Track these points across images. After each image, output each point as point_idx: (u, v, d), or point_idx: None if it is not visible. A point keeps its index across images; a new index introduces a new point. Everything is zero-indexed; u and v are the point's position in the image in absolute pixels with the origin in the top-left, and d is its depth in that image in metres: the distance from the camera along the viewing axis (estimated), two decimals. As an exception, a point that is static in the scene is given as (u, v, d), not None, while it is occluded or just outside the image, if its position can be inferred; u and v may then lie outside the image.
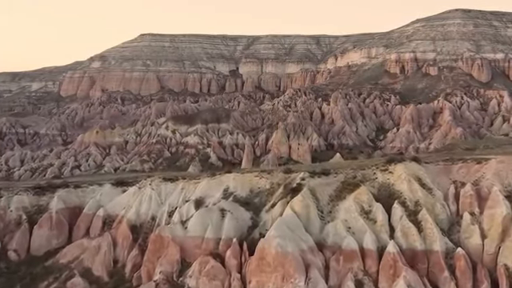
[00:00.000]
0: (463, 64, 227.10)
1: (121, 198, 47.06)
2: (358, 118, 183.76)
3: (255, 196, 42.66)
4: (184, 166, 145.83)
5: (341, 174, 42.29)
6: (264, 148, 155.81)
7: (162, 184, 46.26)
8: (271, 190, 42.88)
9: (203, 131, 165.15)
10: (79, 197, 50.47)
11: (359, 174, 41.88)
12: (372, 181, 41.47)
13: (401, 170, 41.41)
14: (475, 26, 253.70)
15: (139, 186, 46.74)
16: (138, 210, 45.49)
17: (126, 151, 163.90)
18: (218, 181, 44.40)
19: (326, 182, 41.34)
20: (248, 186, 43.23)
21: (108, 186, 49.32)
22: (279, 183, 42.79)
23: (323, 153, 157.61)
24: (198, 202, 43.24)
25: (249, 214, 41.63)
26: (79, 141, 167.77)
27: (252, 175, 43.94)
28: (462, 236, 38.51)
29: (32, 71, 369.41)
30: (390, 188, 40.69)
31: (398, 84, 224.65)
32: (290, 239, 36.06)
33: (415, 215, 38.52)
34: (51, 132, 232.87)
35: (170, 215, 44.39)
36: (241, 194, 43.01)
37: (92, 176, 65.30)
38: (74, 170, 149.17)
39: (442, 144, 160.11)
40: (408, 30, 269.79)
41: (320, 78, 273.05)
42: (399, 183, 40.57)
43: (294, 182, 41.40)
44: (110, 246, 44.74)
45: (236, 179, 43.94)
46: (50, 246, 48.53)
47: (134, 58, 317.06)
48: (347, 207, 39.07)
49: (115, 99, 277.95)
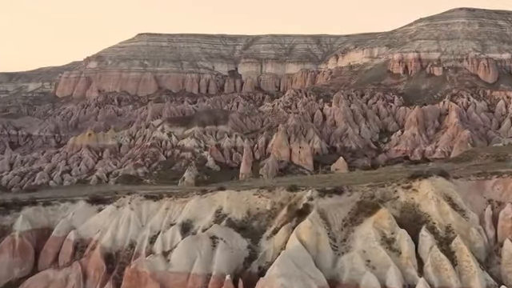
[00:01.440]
0: (468, 64, 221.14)
1: (96, 219, 39.62)
2: (360, 119, 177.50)
3: (253, 219, 35.42)
4: (180, 170, 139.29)
5: (356, 192, 35.25)
6: (264, 151, 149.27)
7: (144, 203, 38.93)
8: (273, 212, 35.70)
9: (200, 134, 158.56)
10: (48, 216, 43.08)
11: (378, 192, 34.94)
12: (393, 200, 34.46)
13: (427, 187, 34.53)
14: (480, 26, 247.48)
15: (117, 205, 39.42)
16: (114, 234, 38.22)
17: (119, 155, 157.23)
18: (209, 200, 37.16)
19: (339, 203, 34.30)
20: (245, 207, 36.03)
21: (82, 204, 41.91)
22: (282, 203, 35.65)
23: (325, 156, 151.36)
24: (185, 226, 36.19)
25: (245, 242, 34.29)
26: (71, 144, 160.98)
27: (250, 193, 36.71)
28: (503, 269, 31.71)
29: (29, 71, 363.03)
30: (414, 210, 33.75)
31: (402, 84, 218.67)
32: (296, 279, 29.14)
33: (447, 244, 31.62)
34: (44, 134, 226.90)
35: (152, 241, 37.19)
36: (236, 217, 35.71)
37: (68, 188, 58.21)
38: (65, 174, 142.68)
39: (449, 147, 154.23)
40: (411, 29, 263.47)
41: (321, 79, 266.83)
42: (426, 204, 33.67)
43: (300, 203, 34.29)
44: (79, 279, 37.58)
45: (230, 198, 36.63)
46: (12, 276, 40.84)
47: (131, 58, 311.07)
48: (365, 234, 32.07)
49: (112, 100, 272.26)
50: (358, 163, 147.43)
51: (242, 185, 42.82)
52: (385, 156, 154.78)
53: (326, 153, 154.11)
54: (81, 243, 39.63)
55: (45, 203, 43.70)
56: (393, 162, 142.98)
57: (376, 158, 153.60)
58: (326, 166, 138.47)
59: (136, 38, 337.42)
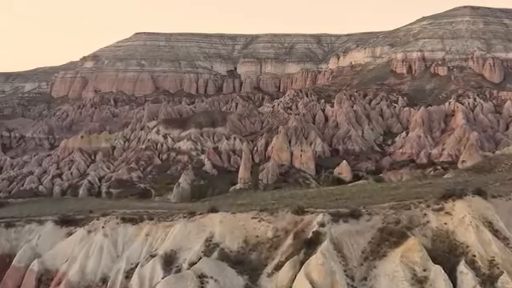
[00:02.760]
0: (474, 64, 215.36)
1: (63, 246, 32.83)
2: (363, 121, 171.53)
3: (252, 250, 28.64)
4: (175, 174, 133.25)
5: (376, 216, 28.65)
6: (263, 154, 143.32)
7: (120, 227, 32.15)
8: (275, 241, 28.84)
9: (197, 136, 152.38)
10: (11, 240, 36.31)
11: (403, 215, 28.55)
12: (423, 226, 27.96)
13: (463, 209, 28.06)
14: (485, 24, 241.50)
15: (88, 230, 32.81)
16: (83, 265, 31.44)
17: (112, 158, 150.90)
18: (197, 225, 30.36)
19: (356, 230, 27.76)
20: (241, 234, 29.26)
21: (50, 226, 35.29)
22: (287, 229, 28.92)
23: (328, 159, 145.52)
24: (168, 258, 29.42)
25: (242, 281, 27.52)
26: (62, 147, 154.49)
27: (247, 216, 29.97)
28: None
29: (26, 71, 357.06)
30: (449, 238, 27.27)
31: (405, 85, 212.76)
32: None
33: (492, 283, 25.26)
34: (38, 135, 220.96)
35: (128, 276, 30.44)
36: (230, 247, 28.85)
37: (39, 204, 51.65)
38: (55, 178, 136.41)
39: (456, 150, 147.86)
40: (414, 28, 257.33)
41: (321, 79, 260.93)
42: (463, 231, 27.14)
43: (308, 230, 27.61)
44: (40, 322, 31.48)
45: (224, 223, 29.77)
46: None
47: (128, 57, 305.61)
48: (391, 272, 25.51)
49: (108, 100, 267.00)
50: (361, 167, 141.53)
51: (239, 203, 36.46)
52: (389, 159, 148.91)
53: (328, 156, 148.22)
54: (46, 275, 32.83)
55: (7, 224, 37.23)
56: (398, 165, 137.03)
57: (380, 161, 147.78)
58: (328, 170, 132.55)
59: (133, 37, 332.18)
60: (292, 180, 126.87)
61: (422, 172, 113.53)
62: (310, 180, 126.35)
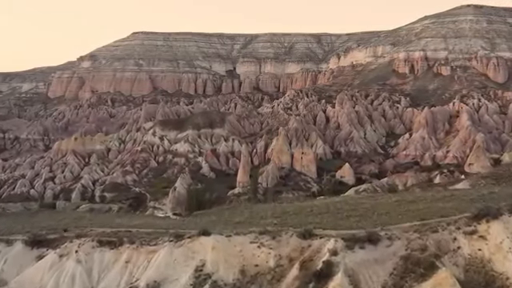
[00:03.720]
0: (477, 63, 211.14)
1: (32, 272, 28.07)
2: (366, 121, 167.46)
3: (250, 282, 23.71)
4: (172, 177, 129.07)
5: (398, 241, 23.88)
6: (263, 157, 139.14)
7: (96, 252, 27.42)
8: (278, 272, 23.79)
9: (195, 137, 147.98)
10: None
11: (430, 240, 23.84)
12: (453, 254, 23.23)
13: (500, 232, 23.37)
14: (489, 23, 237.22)
15: (60, 254, 28.22)
16: None
17: (107, 160, 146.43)
18: (186, 251, 25.41)
19: (375, 258, 23.02)
20: (238, 263, 24.43)
21: (19, 247, 30.70)
22: (291, 257, 23.95)
23: (329, 162, 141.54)
24: None
25: None
26: (56, 149, 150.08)
27: (245, 241, 24.94)
28: None
29: (24, 72, 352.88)
30: (485, 268, 22.58)
31: (408, 85, 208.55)
32: None
33: (538, 325, 21.12)
34: (32, 137, 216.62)
35: None
36: (225, 279, 23.87)
37: (14, 218, 47.12)
38: (48, 182, 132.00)
39: (461, 152, 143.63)
40: (416, 27, 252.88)
41: (322, 79, 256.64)
42: (501, 259, 22.51)
43: (318, 259, 22.69)
44: None
45: (217, 249, 24.78)
46: None
47: (126, 57, 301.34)
48: None
49: (105, 101, 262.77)
50: (364, 170, 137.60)
51: (235, 221, 31.90)
52: (393, 161, 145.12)
53: (329, 158, 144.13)
54: (11, 306, 28.97)
55: (-30, 245, 33.04)
56: (402, 167, 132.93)
57: (384, 163, 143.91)
58: (330, 173, 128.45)
59: (131, 36, 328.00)
60: (293, 183, 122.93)
61: (428, 175, 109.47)
62: (311, 184, 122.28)
